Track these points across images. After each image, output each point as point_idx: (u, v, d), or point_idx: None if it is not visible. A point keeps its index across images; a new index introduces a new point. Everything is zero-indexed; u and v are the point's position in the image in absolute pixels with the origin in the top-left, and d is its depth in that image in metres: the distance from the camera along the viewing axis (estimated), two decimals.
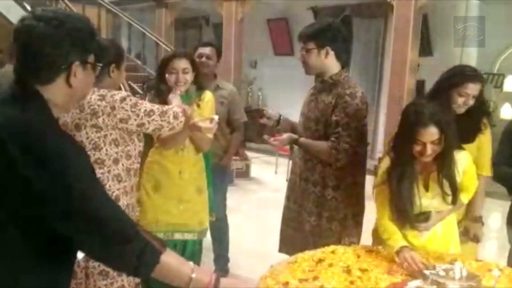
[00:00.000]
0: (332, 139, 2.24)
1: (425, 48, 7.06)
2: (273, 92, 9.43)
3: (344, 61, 2.36)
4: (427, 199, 1.99)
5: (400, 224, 1.99)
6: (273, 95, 9.44)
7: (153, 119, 2.11)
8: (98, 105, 2.02)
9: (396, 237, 1.95)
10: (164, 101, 2.40)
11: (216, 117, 2.34)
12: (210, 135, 2.51)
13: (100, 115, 2.02)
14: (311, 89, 2.47)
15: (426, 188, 2.00)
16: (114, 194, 2.09)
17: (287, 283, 1.68)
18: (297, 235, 2.45)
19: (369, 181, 2.21)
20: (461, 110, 2.31)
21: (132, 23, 9.02)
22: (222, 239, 3.59)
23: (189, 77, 2.51)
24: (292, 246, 2.43)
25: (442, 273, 1.69)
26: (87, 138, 2.04)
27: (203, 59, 3.29)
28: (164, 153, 2.53)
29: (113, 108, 2.03)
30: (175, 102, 2.39)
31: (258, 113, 2.69)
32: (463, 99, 2.28)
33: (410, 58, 6.19)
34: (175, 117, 2.18)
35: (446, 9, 7.04)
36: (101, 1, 9.16)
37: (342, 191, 2.31)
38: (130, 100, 2.08)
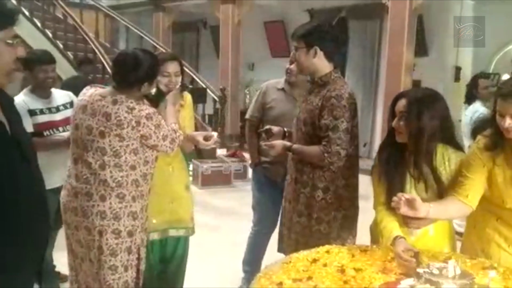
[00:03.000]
0: (324, 143, 2.25)
1: (421, 48, 7.09)
2: None
3: (336, 61, 2.37)
4: (414, 189, 2.01)
5: (393, 211, 1.97)
6: None
7: (165, 144, 2.23)
8: (125, 117, 2.10)
9: (390, 227, 1.93)
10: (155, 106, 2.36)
11: (215, 134, 2.52)
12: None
13: (125, 127, 2.11)
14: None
15: (417, 180, 2.01)
16: (130, 196, 2.19)
17: (281, 283, 1.68)
18: (291, 235, 2.46)
19: (367, 181, 2.20)
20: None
21: (129, 26, 9.05)
22: None
23: (179, 80, 2.56)
24: (289, 246, 2.44)
25: (435, 272, 1.68)
26: (110, 145, 2.13)
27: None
28: None
29: (138, 123, 2.12)
30: (171, 107, 2.40)
31: (267, 134, 2.68)
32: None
33: (406, 59, 6.23)
34: (177, 143, 2.29)
35: (441, 9, 7.07)
36: (98, 5, 9.18)
37: (332, 193, 2.31)
38: (155, 119, 2.16)
